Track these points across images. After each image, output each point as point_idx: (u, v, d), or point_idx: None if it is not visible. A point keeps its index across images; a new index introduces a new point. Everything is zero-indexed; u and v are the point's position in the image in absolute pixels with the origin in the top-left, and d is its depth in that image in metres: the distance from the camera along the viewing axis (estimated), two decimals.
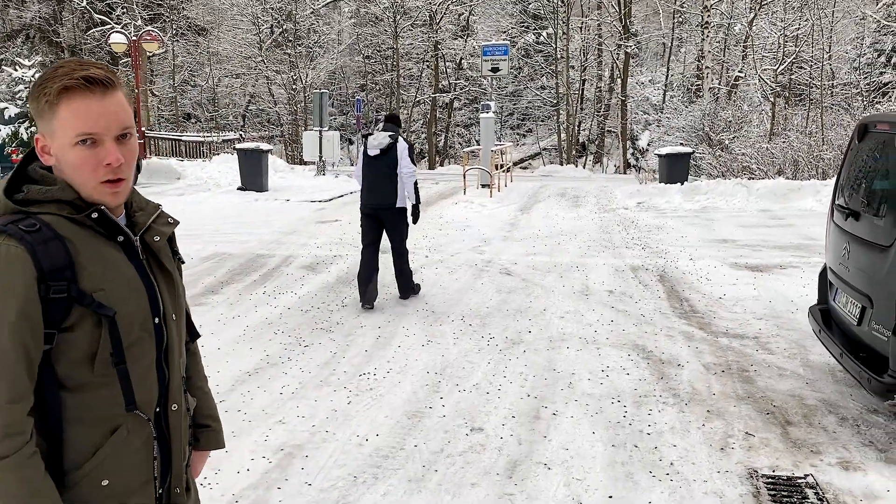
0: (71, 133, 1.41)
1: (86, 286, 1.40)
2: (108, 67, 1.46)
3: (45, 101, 1.42)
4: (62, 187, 1.45)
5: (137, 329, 1.49)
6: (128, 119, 1.47)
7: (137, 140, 1.54)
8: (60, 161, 1.45)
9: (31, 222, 1.39)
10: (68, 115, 1.40)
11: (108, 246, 1.48)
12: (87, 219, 1.46)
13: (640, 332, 6.24)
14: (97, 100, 1.41)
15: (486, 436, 4.28)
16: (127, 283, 1.48)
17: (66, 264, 1.39)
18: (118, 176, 1.45)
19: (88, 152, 1.42)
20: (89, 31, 29.91)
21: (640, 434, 4.32)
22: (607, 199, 16.00)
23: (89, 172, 1.43)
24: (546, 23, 35.45)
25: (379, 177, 7.03)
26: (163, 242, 1.60)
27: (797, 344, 5.92)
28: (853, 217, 4.66)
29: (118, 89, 1.46)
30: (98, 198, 1.46)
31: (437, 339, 6.07)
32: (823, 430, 4.38)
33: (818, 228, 11.27)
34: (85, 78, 1.40)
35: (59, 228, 1.41)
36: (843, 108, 21.71)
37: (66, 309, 1.39)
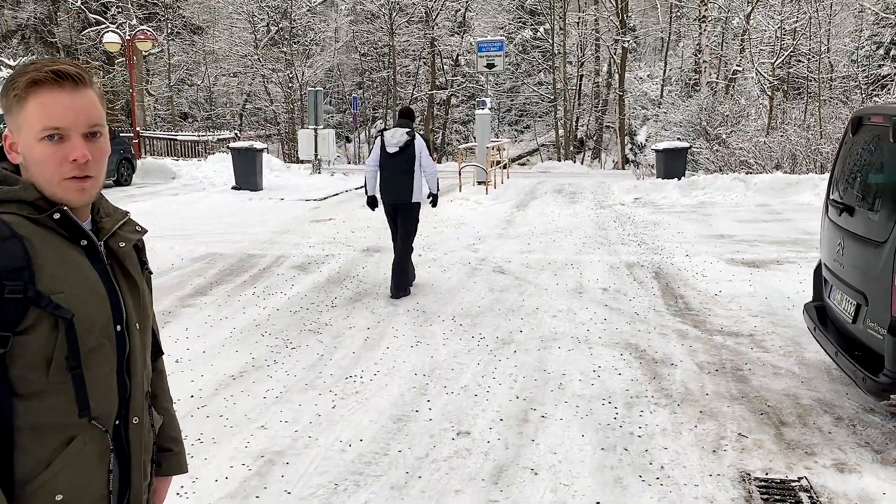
0: (37, 127, 1.36)
1: (44, 288, 1.34)
2: (81, 65, 1.42)
3: (14, 96, 1.38)
4: (24, 187, 1.39)
5: (97, 334, 1.41)
6: (98, 117, 1.42)
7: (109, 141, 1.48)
8: (27, 158, 1.40)
9: None
10: (35, 109, 1.36)
11: (69, 248, 1.41)
12: (49, 219, 1.39)
13: (634, 331, 6.14)
14: (66, 94, 1.37)
15: (472, 440, 4.18)
16: (88, 286, 1.41)
17: (24, 264, 1.32)
18: (85, 173, 1.40)
19: (54, 147, 1.37)
20: (84, 31, 29.78)
21: (631, 436, 4.22)
22: (604, 195, 15.89)
23: (53, 168, 1.38)
24: (543, 18, 35.33)
25: (396, 173, 7.24)
26: (128, 249, 1.54)
27: (792, 342, 5.82)
28: (847, 212, 4.55)
29: (90, 87, 1.41)
30: (62, 195, 1.39)
31: (427, 340, 5.96)
32: (818, 430, 4.28)
33: (816, 223, 11.14)
34: (54, 72, 1.36)
35: (18, 228, 1.35)
36: (842, 102, 21.59)
37: (23, 311, 1.32)
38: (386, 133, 7.38)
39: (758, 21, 26.62)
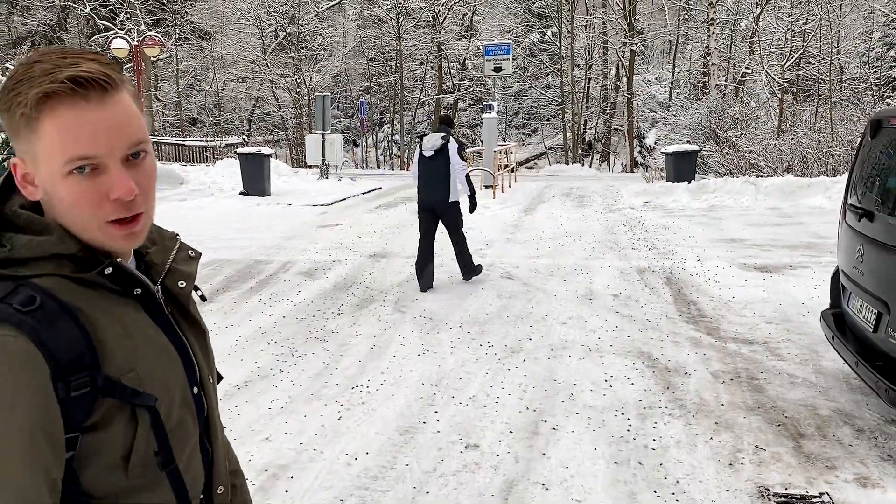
0: (60, 158, 0.99)
1: (113, 370, 1.02)
2: (104, 58, 1.04)
3: (21, 115, 1.00)
4: (60, 236, 1.04)
5: (178, 409, 1.13)
6: (139, 131, 1.05)
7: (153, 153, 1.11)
8: (51, 196, 1.04)
9: (28, 296, 0.98)
10: (54, 134, 0.99)
11: (124, 306, 1.09)
12: (98, 276, 1.06)
13: (646, 339, 6.01)
14: (94, 108, 0.99)
15: (481, 453, 4.07)
16: (158, 353, 1.11)
17: (85, 347, 1.00)
18: (132, 212, 1.04)
19: (87, 183, 1.01)
20: (93, 37, 29.88)
21: (645, 449, 4.09)
22: (613, 199, 15.76)
23: (90, 210, 1.02)
24: (550, 21, 35.24)
25: (434, 175, 7.70)
26: (191, 289, 1.21)
27: (809, 349, 5.68)
28: (867, 217, 4.42)
29: (121, 89, 1.03)
30: (105, 242, 1.05)
31: (434, 348, 5.86)
32: (838, 443, 4.14)
33: (828, 226, 11.02)
34: (73, 79, 0.98)
35: (65, 295, 1.02)
36: (853, 104, 21.39)
37: (91, 403, 1.01)
38: (424, 139, 7.87)
39: (767, 23, 26.45)
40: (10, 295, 0.98)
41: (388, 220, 13.13)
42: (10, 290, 0.99)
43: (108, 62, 1.03)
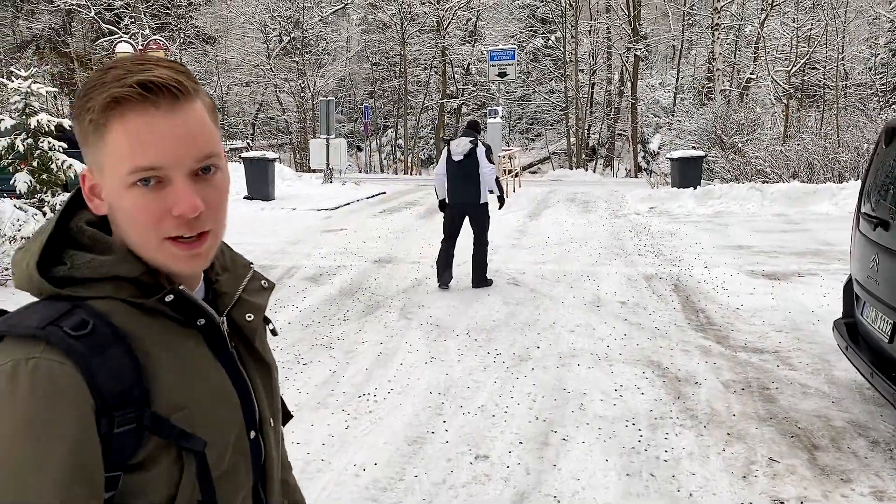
0: (124, 168, 0.92)
1: (162, 408, 0.94)
2: (179, 66, 0.97)
3: (90, 122, 0.93)
4: (122, 256, 0.97)
5: (230, 455, 1.03)
6: (211, 144, 0.97)
7: (227, 170, 1.02)
8: (114, 209, 0.97)
9: (80, 319, 0.92)
10: (120, 141, 0.92)
11: (184, 338, 1.01)
12: (159, 303, 0.98)
13: (655, 347, 5.96)
14: (163, 116, 0.92)
15: (491, 464, 4.01)
16: (215, 392, 1.02)
17: (134, 380, 0.92)
18: (195, 230, 0.95)
19: (151, 196, 0.93)
20: (98, 41, 29.93)
21: (657, 461, 4.03)
22: (618, 204, 15.71)
23: (150, 225, 0.94)
24: (554, 27, 35.22)
25: (464, 178, 7.93)
26: (259, 323, 1.11)
27: (820, 358, 5.62)
28: (882, 227, 4.36)
29: (195, 99, 0.96)
30: (164, 262, 0.97)
31: (441, 356, 5.80)
32: (853, 455, 4.08)
33: (835, 233, 10.96)
34: (142, 84, 0.91)
35: (120, 322, 0.94)
36: (859, 110, 21.33)
37: (136, 441, 0.93)
38: (452, 143, 8.10)
39: (772, 28, 26.40)
40: (64, 317, 0.91)
41: (393, 224, 13.09)
42: (64, 311, 0.92)
43: (183, 70, 0.97)
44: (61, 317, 0.91)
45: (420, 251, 10.35)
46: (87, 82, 0.95)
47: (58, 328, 0.90)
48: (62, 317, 0.91)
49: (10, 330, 0.90)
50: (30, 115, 8.19)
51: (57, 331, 0.89)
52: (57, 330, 0.89)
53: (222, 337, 1.05)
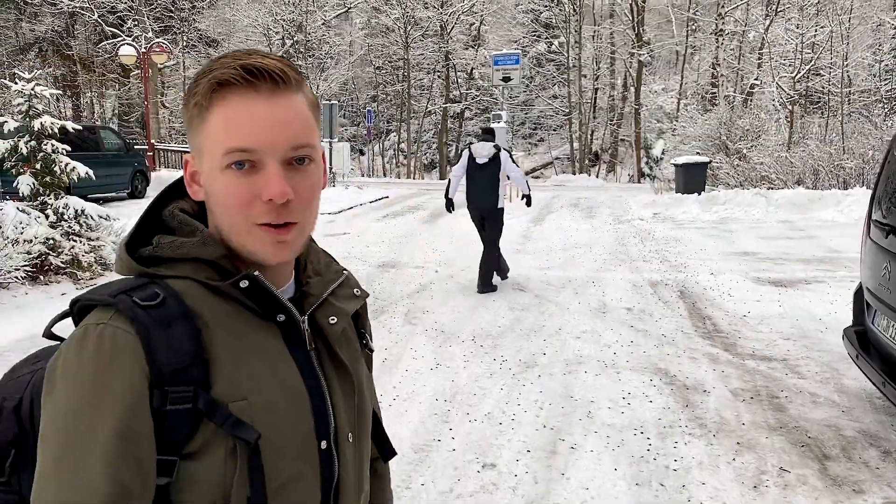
0: (219, 149, 0.93)
1: (221, 393, 0.92)
2: (287, 61, 0.98)
3: (195, 105, 0.95)
4: (203, 239, 0.98)
5: (292, 460, 0.97)
6: (306, 135, 0.96)
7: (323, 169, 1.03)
8: (209, 193, 0.98)
9: (152, 292, 0.93)
10: (218, 123, 0.93)
11: (259, 330, 0.98)
12: (234, 288, 0.97)
13: (662, 354, 5.91)
14: (262, 101, 0.93)
15: (498, 473, 3.96)
16: (283, 389, 0.98)
17: (194, 359, 0.91)
18: (283, 219, 0.94)
19: (242, 180, 0.93)
20: (101, 43, 29.94)
21: (666, 470, 3.98)
22: (622, 210, 15.67)
23: (240, 210, 0.94)
24: (558, 32, 35.23)
25: (484, 182, 8.07)
26: (341, 327, 1.07)
27: (829, 367, 5.57)
28: (894, 234, 4.32)
29: (297, 90, 0.96)
30: (253, 248, 0.96)
31: (447, 362, 5.75)
32: (865, 465, 4.03)
33: (841, 240, 10.92)
34: (246, 68, 0.92)
35: (193, 302, 0.94)
36: (864, 116, 21.30)
37: (193, 425, 0.91)
38: (474, 146, 8.20)
39: (776, 34, 26.38)
40: (138, 289, 0.94)
41: (396, 229, 13.06)
42: (139, 284, 0.95)
43: (290, 64, 0.97)
44: (135, 288, 0.94)
45: (424, 256, 10.31)
46: (201, 68, 0.97)
47: (128, 297, 0.92)
48: (136, 288, 0.94)
49: (89, 298, 0.94)
50: (33, 117, 8.16)
51: (126, 299, 0.91)
52: (127, 298, 0.92)
53: (301, 335, 1.02)
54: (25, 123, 8.21)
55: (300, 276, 1.08)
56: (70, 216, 8.18)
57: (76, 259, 8.10)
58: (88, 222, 8.39)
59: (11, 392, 1.05)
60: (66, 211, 8.16)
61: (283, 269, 1.03)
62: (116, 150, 17.45)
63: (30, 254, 7.70)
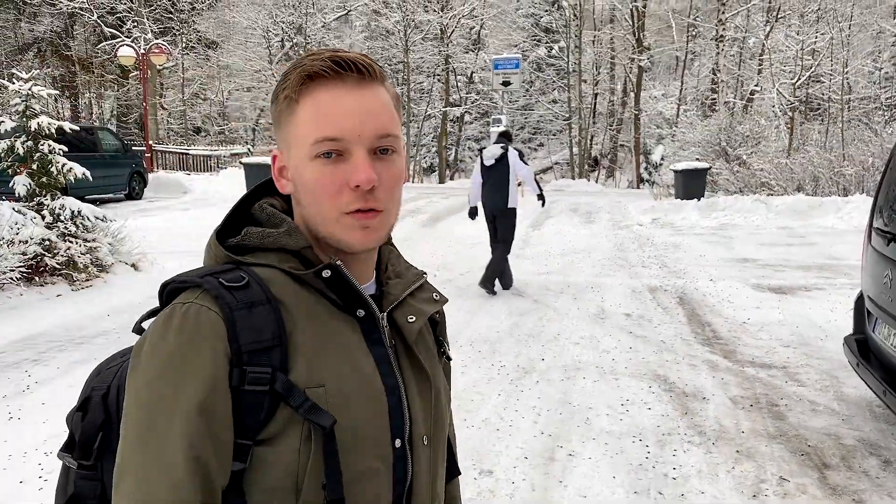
0: (308, 139, 0.97)
1: (299, 378, 0.92)
2: (369, 56, 1.02)
3: (284, 98, 0.99)
4: (289, 230, 1.00)
5: (366, 454, 0.96)
6: (391, 125, 0.99)
7: (405, 160, 1.05)
8: (297, 185, 1.01)
9: (238, 275, 0.96)
10: (308, 114, 0.97)
11: (339, 322, 1.00)
12: (316, 278, 0.99)
13: (661, 361, 5.87)
14: (349, 91, 0.97)
15: (495, 480, 3.92)
16: (359, 380, 0.97)
17: (275, 342, 0.92)
18: (370, 205, 0.97)
19: (330, 168, 0.96)
20: (100, 44, 29.90)
21: (665, 478, 3.94)
22: (621, 215, 15.64)
23: (330, 197, 0.96)
24: (558, 36, 35.23)
25: (495, 182, 8.15)
26: (419, 326, 1.07)
27: (829, 375, 5.53)
28: (895, 242, 4.28)
29: (380, 83, 1.00)
30: (340, 236, 0.98)
31: None
32: (865, 474, 3.99)
33: (841, 247, 10.89)
34: (334, 60, 0.97)
35: (277, 289, 0.96)
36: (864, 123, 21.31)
37: (269, 409, 0.91)
38: (484, 150, 8.37)
39: (776, 41, 26.40)
40: (224, 272, 0.96)
41: (395, 232, 12.80)
42: (226, 268, 0.98)
43: (372, 59, 1.01)
44: (222, 272, 0.96)
45: (423, 260, 10.26)
46: (288, 67, 1.01)
47: (214, 278, 0.94)
48: (223, 272, 0.96)
49: (178, 280, 0.96)
50: (30, 117, 8.11)
51: (213, 280, 0.94)
52: (213, 279, 0.94)
53: (380, 332, 1.03)
54: (22, 123, 8.17)
55: (381, 276, 1.10)
56: (66, 217, 8.13)
57: (72, 260, 8.05)
58: (85, 223, 8.33)
59: (100, 383, 1.07)
60: (62, 212, 8.11)
61: (365, 265, 1.05)
62: (114, 151, 17.41)
63: (25, 255, 7.65)
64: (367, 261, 1.06)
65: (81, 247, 8.19)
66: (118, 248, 8.83)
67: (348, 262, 1.01)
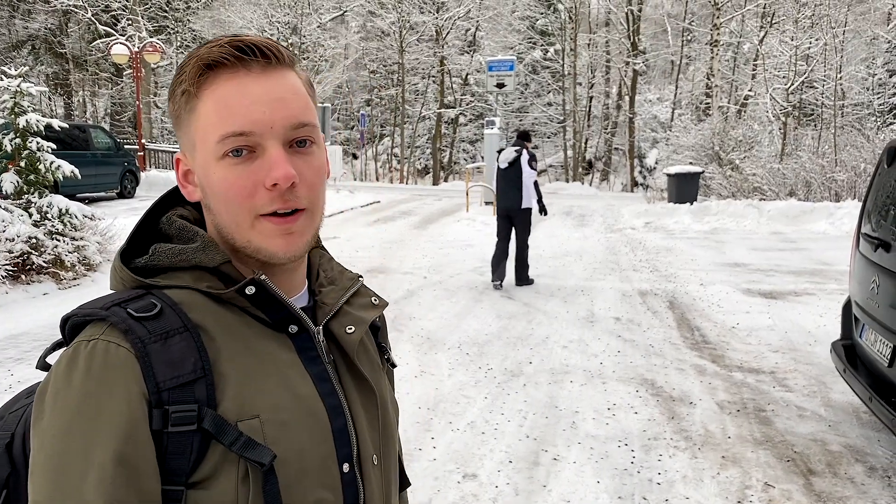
0: (213, 136, 0.85)
1: (229, 410, 0.82)
2: (275, 41, 0.90)
3: (182, 94, 0.87)
4: (204, 245, 0.89)
5: (312, 486, 0.86)
6: (306, 113, 0.88)
7: (325, 153, 0.93)
8: (205, 190, 0.89)
9: (148, 303, 0.84)
10: (210, 108, 0.85)
11: (271, 341, 0.89)
12: (240, 296, 0.88)
13: (649, 365, 5.85)
14: (254, 79, 0.85)
15: (479, 484, 3.89)
16: (298, 405, 0.87)
17: (197, 374, 0.82)
18: (292, 205, 0.86)
19: (241, 168, 0.85)
20: (94, 42, 29.82)
21: (650, 484, 3.92)
22: (614, 219, 15.64)
23: (241, 202, 0.85)
24: (553, 39, 35.28)
25: (508, 184, 8.48)
26: (360, 336, 0.97)
27: (817, 380, 5.52)
28: (883, 248, 4.27)
29: (289, 67, 0.89)
30: (260, 244, 0.87)
31: (431, 370, 5.68)
32: (850, 481, 3.97)
33: (832, 252, 10.89)
34: (235, 45, 0.85)
35: (194, 312, 0.86)
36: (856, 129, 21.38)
37: (200, 450, 0.81)
38: (501, 152, 8.69)
39: (770, 46, 26.47)
40: (132, 300, 0.85)
41: (387, 234, 12.98)
42: (134, 295, 0.86)
43: (279, 43, 0.90)
44: (130, 300, 0.85)
45: (413, 262, 10.24)
46: (185, 57, 0.89)
47: (122, 308, 0.83)
48: (131, 300, 0.85)
49: (79, 313, 0.85)
50: (19, 114, 8.07)
51: (120, 311, 0.82)
52: (120, 310, 0.83)
53: (316, 348, 0.93)
54: (10, 120, 8.12)
55: (312, 285, 1.00)
56: (54, 215, 8.08)
57: (59, 259, 8.00)
58: (73, 222, 8.29)
59: (3, 431, 0.94)
60: (49, 210, 8.07)
61: (293, 275, 0.94)
62: (106, 150, 17.33)
63: (11, 252, 7.60)
64: (296, 270, 0.95)
65: (69, 245, 8.15)
66: (107, 246, 8.78)
67: (274, 274, 0.91)
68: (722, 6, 26.03)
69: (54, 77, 30.69)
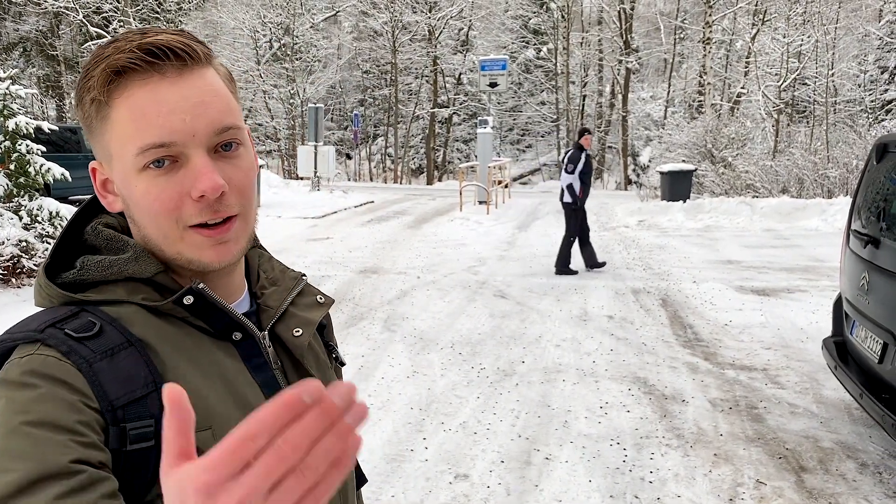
0: (130, 148, 0.79)
1: None
2: (188, 34, 0.84)
3: (91, 101, 0.81)
4: (136, 255, 0.84)
5: None
6: (229, 115, 0.83)
7: (252, 148, 0.89)
8: (128, 203, 0.84)
9: (86, 322, 0.79)
10: (125, 118, 0.79)
11: (216, 351, 0.86)
12: (178, 307, 0.84)
13: (642, 363, 5.85)
14: (170, 84, 0.79)
15: (471, 484, 3.88)
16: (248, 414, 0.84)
17: (150, 387, 0.77)
18: (221, 214, 0.82)
19: (164, 179, 0.80)
20: (86, 44, 29.73)
21: (642, 482, 3.92)
22: (607, 217, 15.64)
23: (166, 215, 0.81)
24: (546, 38, 35.28)
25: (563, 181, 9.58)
26: (308, 338, 0.94)
27: (809, 377, 5.53)
28: (873, 244, 4.28)
29: (207, 66, 0.83)
30: (191, 255, 0.83)
31: (424, 370, 5.67)
32: (842, 477, 3.98)
33: (825, 249, 10.92)
34: (144, 49, 0.78)
35: (135, 328, 0.81)
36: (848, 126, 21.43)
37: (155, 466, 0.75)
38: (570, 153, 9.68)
39: (762, 43, 26.51)
40: (68, 320, 0.79)
41: (380, 234, 12.97)
42: (68, 314, 0.79)
43: (192, 37, 0.83)
44: (65, 319, 0.78)
45: (407, 262, 10.23)
46: (87, 61, 0.82)
47: (59, 330, 0.77)
48: (66, 319, 0.78)
49: (8, 338, 0.78)
50: (8, 116, 8.03)
51: (57, 332, 0.76)
52: (57, 332, 0.76)
53: (262, 354, 0.90)
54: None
55: (254, 287, 0.96)
56: (44, 218, 8.05)
57: None
58: (63, 224, 8.25)
59: None
60: (40, 213, 8.03)
61: (233, 280, 0.90)
62: None
63: (2, 256, 7.57)
64: (234, 273, 0.90)
65: None
66: None
67: (211, 280, 0.86)
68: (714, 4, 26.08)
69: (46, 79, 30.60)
